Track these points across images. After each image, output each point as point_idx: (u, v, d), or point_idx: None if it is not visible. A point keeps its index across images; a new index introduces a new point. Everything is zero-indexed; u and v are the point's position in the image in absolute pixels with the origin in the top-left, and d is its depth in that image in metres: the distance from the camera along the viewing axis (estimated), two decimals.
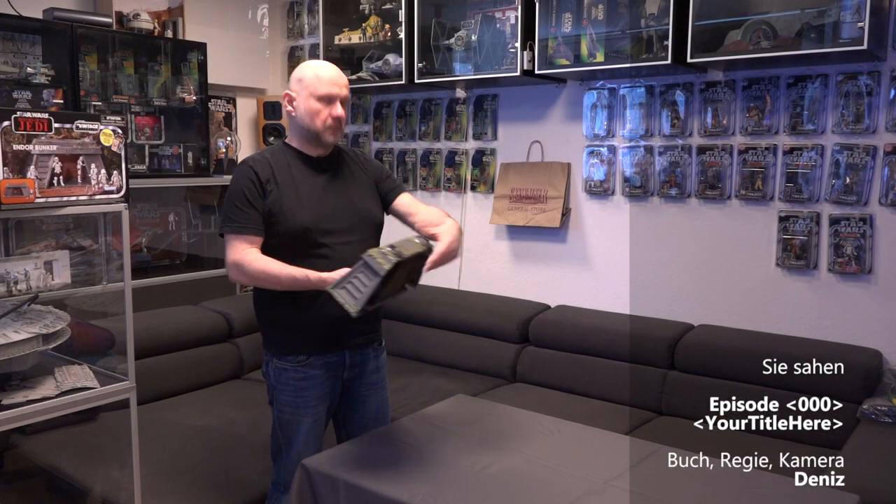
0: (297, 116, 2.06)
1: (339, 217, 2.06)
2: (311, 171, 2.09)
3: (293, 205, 2.02)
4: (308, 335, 2.07)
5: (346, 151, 2.22)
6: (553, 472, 1.87)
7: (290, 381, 2.09)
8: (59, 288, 2.33)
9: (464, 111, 3.82)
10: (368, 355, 2.18)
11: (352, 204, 2.11)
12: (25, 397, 2.01)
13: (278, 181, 2.03)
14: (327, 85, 2.04)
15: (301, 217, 2.02)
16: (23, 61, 3.36)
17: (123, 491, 2.31)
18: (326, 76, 2.05)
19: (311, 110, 2.04)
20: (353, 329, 2.08)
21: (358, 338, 2.13)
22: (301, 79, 2.06)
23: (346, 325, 2.04)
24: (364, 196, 2.15)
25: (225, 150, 4.19)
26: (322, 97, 2.03)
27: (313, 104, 2.04)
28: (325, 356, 2.09)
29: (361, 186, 2.16)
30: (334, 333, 2.07)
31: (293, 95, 2.07)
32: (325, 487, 1.86)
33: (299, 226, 2.01)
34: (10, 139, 1.90)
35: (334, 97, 2.04)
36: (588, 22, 3.12)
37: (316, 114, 2.04)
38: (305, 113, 2.05)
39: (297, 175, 2.07)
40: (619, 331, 3.12)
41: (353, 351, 2.13)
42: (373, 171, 2.22)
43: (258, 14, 4.47)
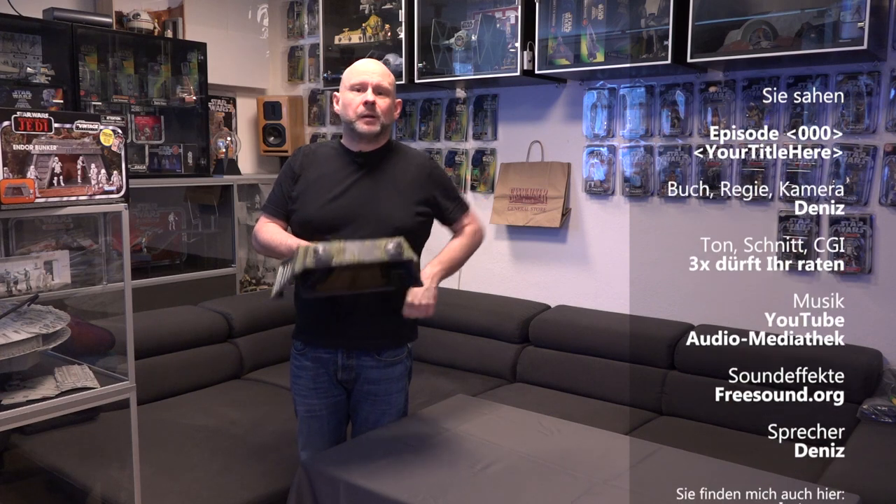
0: (339, 112, 2.09)
1: (353, 215, 2.03)
2: (344, 166, 2.08)
3: (308, 196, 2.05)
4: (306, 319, 2.13)
5: (402, 149, 2.16)
6: (553, 471, 1.87)
7: (294, 362, 2.18)
8: (59, 288, 2.32)
9: (464, 111, 3.82)
10: (366, 363, 2.11)
11: (374, 204, 2.05)
12: (25, 397, 2.01)
13: (308, 172, 2.08)
14: (359, 74, 2.05)
15: (309, 209, 2.05)
16: (23, 61, 3.37)
17: (123, 491, 2.31)
18: (360, 67, 2.07)
19: (345, 101, 2.07)
20: (346, 330, 2.06)
21: (353, 339, 2.08)
22: (342, 77, 2.10)
23: (337, 324, 2.06)
24: (396, 200, 2.07)
25: (225, 150, 4.19)
26: (354, 86, 2.05)
27: (347, 95, 2.06)
28: (316, 349, 2.11)
29: (399, 189, 2.08)
30: (327, 329, 2.08)
31: (338, 95, 2.11)
32: (325, 487, 1.86)
33: (304, 217, 2.06)
34: (10, 139, 1.90)
35: (366, 84, 2.03)
36: (588, 22, 3.12)
37: (349, 104, 2.05)
38: (342, 106, 2.08)
39: (330, 168, 2.09)
40: (619, 331, 3.11)
41: (347, 353, 2.10)
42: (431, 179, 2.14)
43: (258, 14, 4.47)
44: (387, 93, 2.06)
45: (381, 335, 2.11)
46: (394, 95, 2.10)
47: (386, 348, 2.12)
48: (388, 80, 2.07)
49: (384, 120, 2.06)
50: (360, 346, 2.10)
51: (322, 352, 2.11)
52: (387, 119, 2.07)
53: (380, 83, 2.04)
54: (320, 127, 4.47)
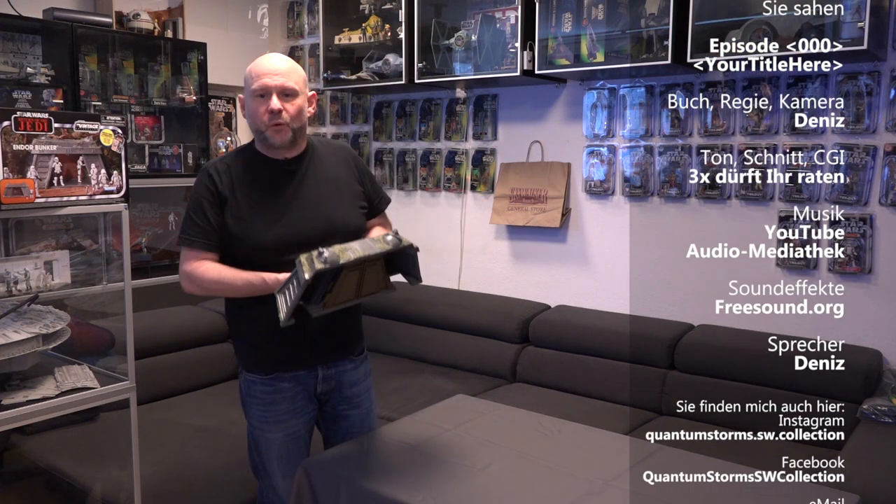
0: (247, 120, 1.89)
1: (309, 229, 1.86)
2: (274, 178, 1.89)
3: (252, 222, 1.85)
4: (274, 352, 1.93)
5: (324, 146, 2.02)
6: (553, 472, 1.87)
7: (259, 394, 1.97)
8: (59, 288, 2.33)
9: (464, 111, 3.82)
10: (345, 368, 2.03)
11: (324, 212, 1.91)
12: (25, 397, 2.01)
13: (237, 193, 1.86)
14: (258, 77, 1.83)
15: (260, 236, 1.85)
16: (23, 61, 3.36)
17: (123, 491, 2.31)
18: (260, 68, 1.84)
19: (250, 111, 1.86)
20: (322, 344, 1.96)
21: (329, 354, 1.99)
22: (244, 78, 1.87)
23: (314, 342, 1.93)
24: (341, 200, 1.95)
25: (225, 150, 4.19)
26: (255, 91, 1.83)
27: (251, 103, 1.86)
28: (294, 371, 1.96)
29: (339, 189, 1.96)
30: (302, 351, 1.94)
31: (242, 98, 1.92)
32: (325, 487, 1.86)
33: (258, 245, 1.85)
34: (10, 139, 1.90)
35: (268, 89, 1.82)
36: (588, 22, 3.12)
37: (254, 113, 1.85)
38: (248, 115, 1.87)
39: (258, 184, 1.88)
40: (619, 331, 3.11)
41: (326, 365, 2.00)
42: (358, 170, 2.03)
43: (258, 14, 4.47)
44: (294, 93, 1.85)
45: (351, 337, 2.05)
46: (305, 92, 1.90)
47: (356, 345, 2.07)
48: (293, 79, 1.85)
49: (294, 125, 1.86)
50: (338, 357, 2.02)
51: (300, 371, 1.96)
52: (298, 122, 1.87)
53: (283, 84, 1.83)
54: (320, 127, 4.46)
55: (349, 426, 2.09)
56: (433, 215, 3.97)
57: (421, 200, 4.02)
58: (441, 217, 3.94)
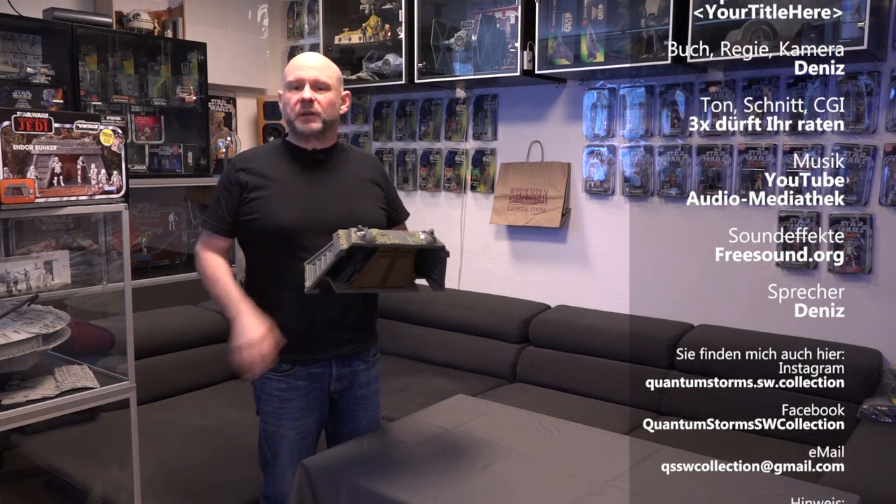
0: (282, 111, 2.01)
1: (330, 216, 1.93)
2: (302, 166, 1.99)
3: (275, 203, 1.93)
4: (291, 341, 1.93)
5: (353, 150, 2.13)
6: (553, 472, 1.87)
7: (274, 391, 2.00)
8: (59, 288, 2.33)
9: (464, 111, 3.82)
10: (357, 368, 2.08)
11: (345, 201, 1.98)
12: (25, 397, 2.01)
13: (266, 177, 1.96)
14: (295, 70, 1.96)
15: (280, 216, 1.92)
16: (23, 61, 3.36)
17: (123, 491, 2.31)
18: (297, 62, 1.98)
19: (284, 101, 1.98)
20: (339, 337, 2.00)
21: (345, 347, 2.03)
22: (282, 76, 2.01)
23: (331, 332, 1.98)
24: (364, 196, 2.04)
25: (225, 150, 4.19)
26: (290, 84, 1.95)
27: (285, 94, 1.98)
28: (309, 366, 2.00)
29: (363, 187, 2.05)
30: (319, 340, 1.98)
31: (281, 92, 2.02)
32: (325, 487, 1.86)
33: (276, 225, 1.92)
34: (10, 139, 1.90)
35: (302, 81, 1.93)
36: (588, 22, 3.12)
37: (287, 102, 1.97)
38: (282, 107, 2.00)
39: (286, 171, 1.98)
40: (619, 331, 3.11)
41: (341, 362, 2.04)
42: (383, 177, 2.13)
43: (258, 14, 4.47)
44: (327, 87, 1.95)
45: (365, 335, 2.09)
46: (338, 88, 2.01)
47: (372, 347, 2.12)
48: (327, 74, 1.96)
49: (325, 116, 1.96)
50: (353, 352, 2.06)
51: (315, 367, 2.01)
52: (329, 115, 1.97)
53: (317, 78, 1.94)
54: None
55: (355, 426, 2.11)
56: (433, 215, 3.97)
57: (421, 200, 4.03)
58: (441, 217, 3.94)
